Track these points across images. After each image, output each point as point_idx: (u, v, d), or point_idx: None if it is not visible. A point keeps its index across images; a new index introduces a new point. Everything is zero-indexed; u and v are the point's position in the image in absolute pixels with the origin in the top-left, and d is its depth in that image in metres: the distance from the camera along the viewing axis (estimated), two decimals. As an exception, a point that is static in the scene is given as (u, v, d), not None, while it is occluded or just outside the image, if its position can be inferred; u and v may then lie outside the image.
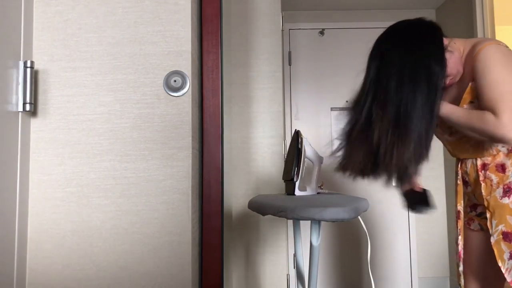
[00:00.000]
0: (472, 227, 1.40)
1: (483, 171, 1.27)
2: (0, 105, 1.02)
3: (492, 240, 1.23)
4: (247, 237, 1.94)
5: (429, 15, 3.38)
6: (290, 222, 2.48)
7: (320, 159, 1.46)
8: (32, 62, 1.13)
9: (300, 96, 3.32)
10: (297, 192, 1.39)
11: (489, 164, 1.26)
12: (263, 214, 1.20)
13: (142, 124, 1.19)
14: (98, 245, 1.16)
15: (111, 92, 1.20)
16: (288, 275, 1.99)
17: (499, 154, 1.25)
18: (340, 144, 1.31)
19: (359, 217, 1.09)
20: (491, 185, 1.25)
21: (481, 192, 1.28)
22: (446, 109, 1.22)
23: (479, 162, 1.29)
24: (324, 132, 3.30)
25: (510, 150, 1.23)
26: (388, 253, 3.22)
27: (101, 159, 1.18)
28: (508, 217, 1.21)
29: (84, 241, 1.16)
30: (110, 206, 1.17)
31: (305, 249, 3.14)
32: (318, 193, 1.46)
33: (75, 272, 1.15)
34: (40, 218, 1.16)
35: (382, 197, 3.25)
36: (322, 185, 1.53)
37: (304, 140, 1.41)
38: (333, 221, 1.10)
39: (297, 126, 3.29)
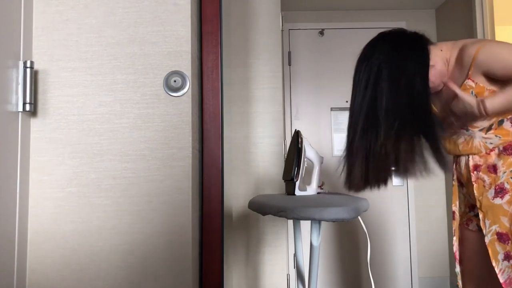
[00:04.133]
0: (470, 228, 1.41)
1: (475, 172, 1.28)
2: (0, 105, 1.02)
3: (487, 240, 1.24)
4: (247, 237, 1.94)
5: (429, 15, 3.38)
6: (290, 222, 2.48)
7: (320, 159, 1.45)
8: (32, 62, 1.13)
9: (300, 96, 3.32)
10: (297, 192, 1.39)
11: (481, 165, 1.27)
12: (264, 214, 1.20)
13: (142, 124, 1.19)
14: (98, 245, 1.16)
15: (111, 92, 1.20)
16: (288, 275, 1.99)
17: (490, 155, 1.26)
18: (343, 159, 1.32)
19: (359, 217, 1.09)
20: (484, 185, 1.26)
21: (474, 193, 1.29)
22: (493, 104, 1.17)
23: (471, 163, 1.30)
24: (324, 132, 3.30)
25: (502, 150, 1.24)
26: (388, 253, 3.22)
27: (101, 159, 1.18)
28: (501, 218, 1.21)
29: (84, 241, 1.16)
30: (110, 206, 1.17)
31: (305, 249, 3.14)
32: (318, 193, 1.46)
33: (75, 272, 1.15)
34: (40, 218, 1.16)
35: (382, 197, 3.25)
36: (322, 185, 1.53)
37: (304, 140, 1.41)
38: (333, 221, 1.10)
39: (297, 126, 3.29)
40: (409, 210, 3.26)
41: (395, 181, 3.27)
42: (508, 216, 1.20)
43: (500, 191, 1.23)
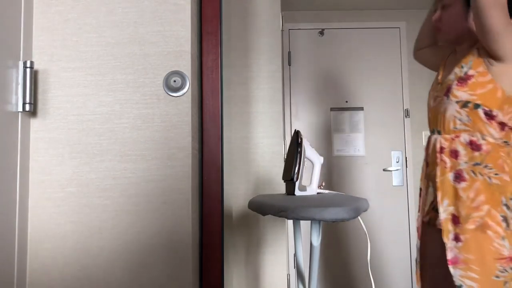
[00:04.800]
0: (424, 220, 1.45)
1: (440, 154, 1.35)
2: (0, 105, 1.03)
3: (442, 217, 1.29)
4: (247, 237, 1.94)
5: (429, 15, 3.38)
6: (290, 222, 2.48)
7: (320, 159, 1.45)
8: (31, 62, 1.13)
9: (300, 96, 3.32)
10: (297, 192, 1.39)
11: (445, 149, 1.34)
12: (264, 214, 1.20)
13: (142, 124, 1.19)
14: (98, 245, 1.16)
15: (111, 92, 1.20)
16: (288, 275, 1.99)
17: (455, 141, 1.32)
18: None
19: (359, 217, 1.09)
20: (445, 167, 1.33)
21: (436, 173, 1.36)
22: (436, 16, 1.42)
23: (438, 145, 1.36)
24: (324, 132, 3.30)
25: (468, 142, 1.29)
26: (388, 253, 3.22)
27: (101, 159, 1.18)
28: (457, 202, 1.28)
29: (84, 241, 1.16)
30: (110, 206, 1.17)
31: (305, 249, 3.14)
32: (318, 193, 1.46)
33: (75, 272, 1.15)
34: (40, 218, 1.16)
35: (382, 197, 3.25)
36: (322, 185, 1.52)
37: (304, 140, 1.41)
38: (333, 221, 1.10)
39: (297, 126, 3.29)
40: (409, 210, 3.26)
41: (395, 181, 3.27)
42: (461, 202, 1.27)
43: (458, 177, 1.29)
